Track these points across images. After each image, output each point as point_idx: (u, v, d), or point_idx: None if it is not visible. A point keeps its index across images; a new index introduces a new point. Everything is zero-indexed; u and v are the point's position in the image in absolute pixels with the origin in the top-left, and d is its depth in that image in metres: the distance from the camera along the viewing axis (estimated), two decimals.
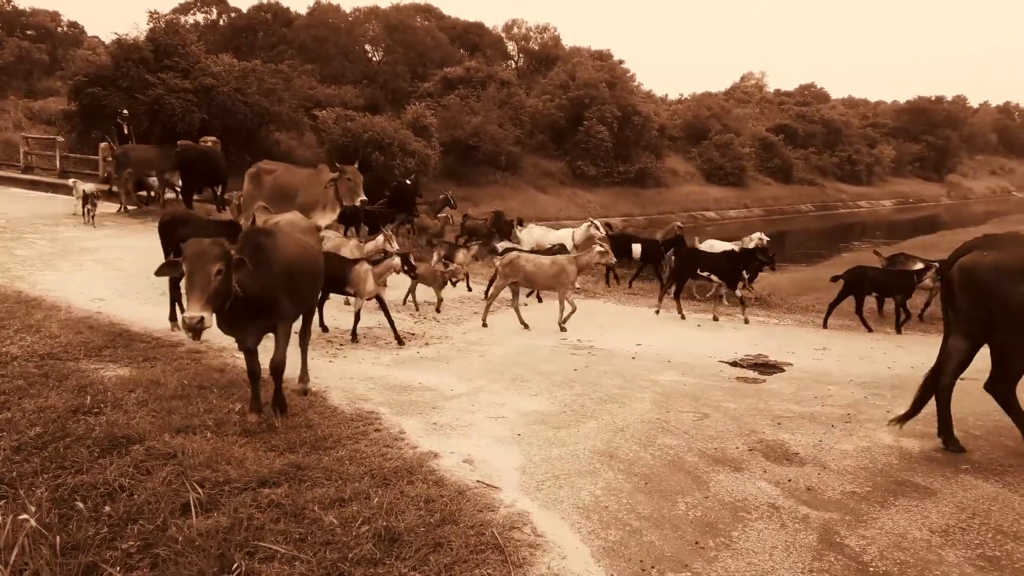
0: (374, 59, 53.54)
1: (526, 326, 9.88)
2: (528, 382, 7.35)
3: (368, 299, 8.89)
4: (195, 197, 18.31)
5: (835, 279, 11.52)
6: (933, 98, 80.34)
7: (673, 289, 11.62)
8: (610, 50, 61.15)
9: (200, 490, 4.41)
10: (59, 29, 53.63)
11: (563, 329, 9.79)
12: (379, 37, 53.59)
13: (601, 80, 49.17)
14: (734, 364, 8.47)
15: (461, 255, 11.56)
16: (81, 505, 4.15)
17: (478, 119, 41.02)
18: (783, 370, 8.29)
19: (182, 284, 5.46)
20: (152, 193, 19.36)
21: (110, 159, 23.05)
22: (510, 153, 42.33)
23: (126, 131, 20.89)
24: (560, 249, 12.08)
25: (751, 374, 8.09)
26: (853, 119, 72.84)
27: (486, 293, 10.77)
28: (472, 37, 59.13)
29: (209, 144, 21.04)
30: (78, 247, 13.15)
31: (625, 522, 4.59)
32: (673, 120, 58.54)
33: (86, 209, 15.51)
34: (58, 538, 3.80)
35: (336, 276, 8.54)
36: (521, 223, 15.10)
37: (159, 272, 5.20)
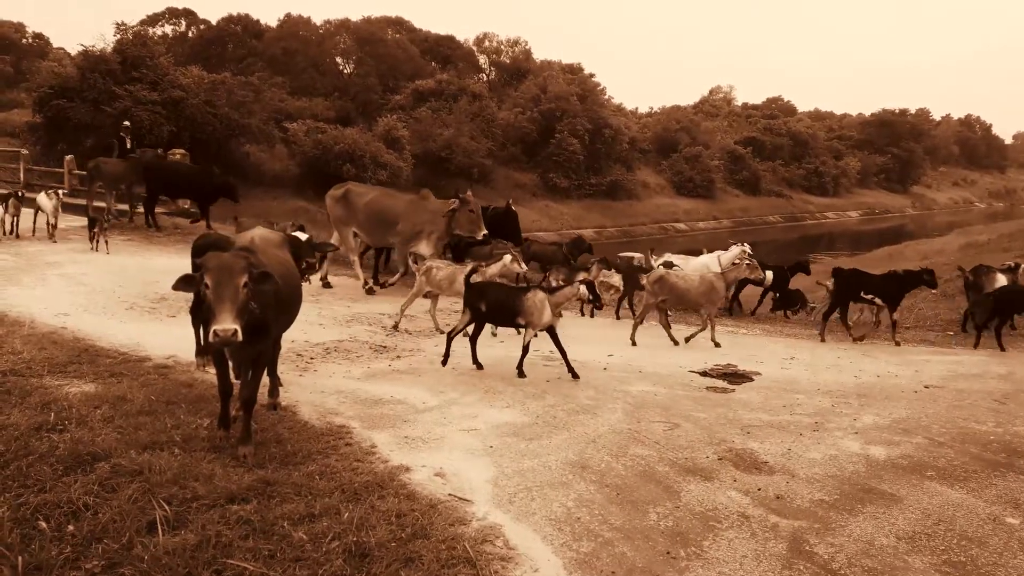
0: (345, 71, 53.50)
1: (676, 342, 10.08)
2: (500, 394, 7.34)
3: (540, 330, 8.14)
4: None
5: (984, 298, 11.41)
6: (897, 111, 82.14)
7: (831, 313, 11.18)
8: (581, 63, 61.84)
9: (167, 507, 4.34)
10: (24, 40, 53.01)
11: (717, 345, 9.96)
12: (350, 49, 53.56)
13: (572, 93, 49.62)
14: (704, 374, 8.54)
15: (581, 277, 11.13)
16: (44, 524, 4.06)
17: (450, 132, 41.12)
18: (752, 379, 8.38)
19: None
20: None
21: (75, 172, 22.75)
22: (482, 165, 42.48)
23: (128, 144, 20.08)
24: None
25: (720, 384, 8.16)
26: (819, 132, 74.24)
27: (632, 314, 10.80)
28: (443, 50, 59.34)
29: (177, 157, 20.79)
30: (42, 261, 12.93)
31: (597, 533, 4.60)
32: (643, 133, 59.20)
33: (93, 232, 14.40)
34: (20, 559, 3.71)
35: (506, 307, 8.12)
36: (653, 251, 14.10)
37: (176, 286, 4.93)
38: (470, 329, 8.50)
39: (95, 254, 13.87)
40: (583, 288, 8.37)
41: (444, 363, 8.29)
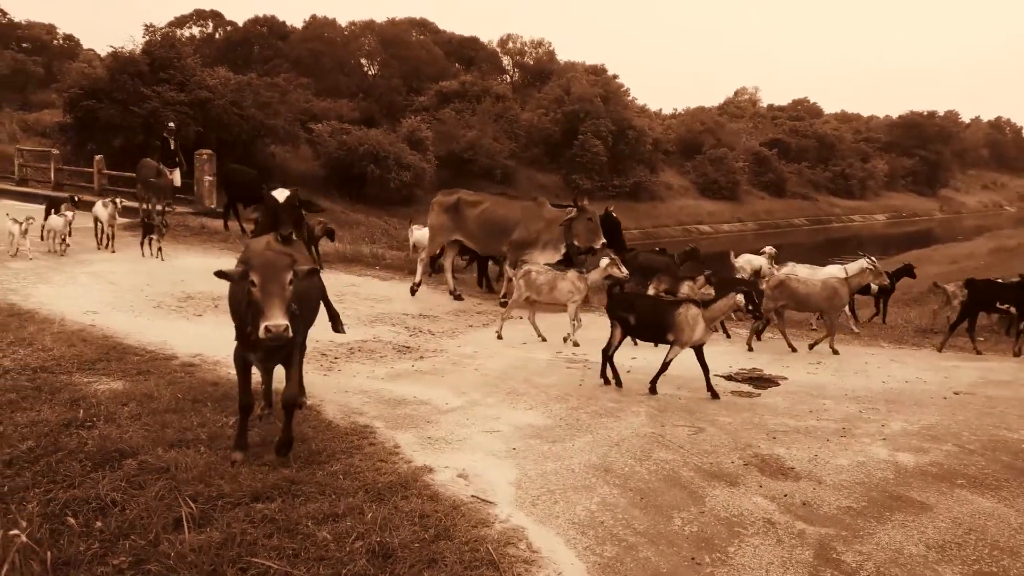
0: (370, 73, 53.84)
1: (826, 346, 9.91)
2: (523, 396, 7.32)
3: (689, 346, 7.59)
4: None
5: None
6: (925, 113, 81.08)
7: (964, 324, 10.57)
8: (604, 65, 61.73)
9: (193, 505, 4.38)
10: (55, 42, 53.78)
11: (835, 352, 9.79)
12: (375, 51, 53.90)
13: (596, 94, 49.55)
14: (729, 378, 8.46)
15: (687, 287, 10.71)
16: (72, 520, 4.12)
17: (473, 133, 41.24)
18: (778, 384, 8.28)
19: None
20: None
21: (104, 171, 22.97)
22: (505, 167, 42.56)
23: (172, 146, 19.53)
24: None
25: (746, 388, 8.08)
26: (846, 134, 73.56)
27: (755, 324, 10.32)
28: (467, 51, 59.54)
29: (204, 157, 20.92)
30: (72, 260, 13.12)
31: (621, 538, 4.57)
32: (667, 134, 58.99)
33: (148, 239, 13.83)
34: (49, 554, 3.76)
35: (655, 321, 7.56)
36: (774, 259, 13.17)
37: (219, 274, 4.86)
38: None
39: (123, 252, 14.00)
40: (740, 297, 7.71)
41: (608, 381, 7.80)
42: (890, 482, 5.55)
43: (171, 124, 20.94)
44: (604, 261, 9.77)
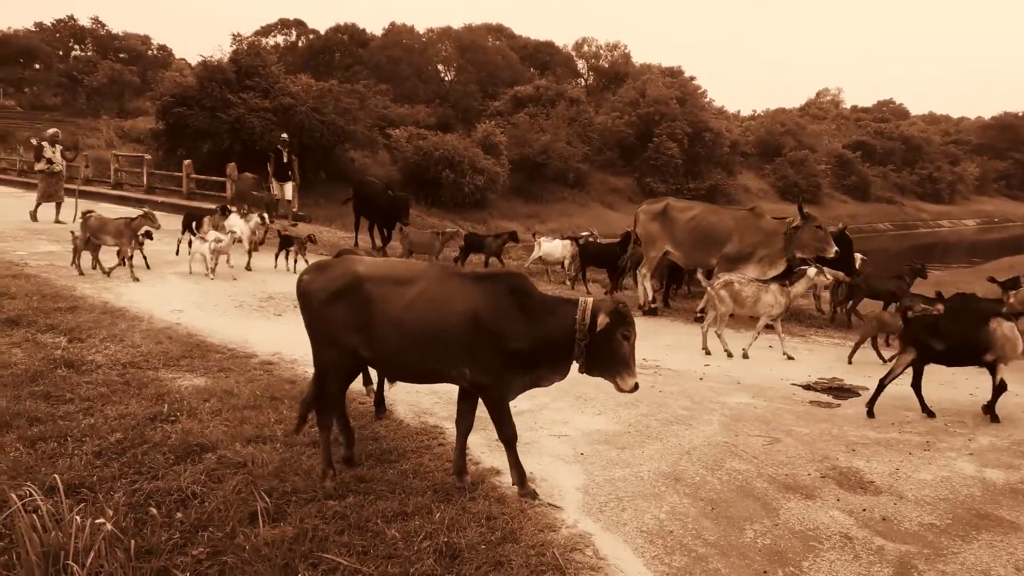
0: (446, 78, 54.53)
1: None
2: (592, 400, 7.27)
3: (1008, 363, 6.94)
4: None
5: None
6: (1020, 113, 77.03)
7: None
8: (681, 67, 60.94)
9: (268, 499, 4.50)
10: (149, 52, 56.40)
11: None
12: (451, 57, 54.61)
13: (671, 97, 48.97)
14: (807, 387, 8.22)
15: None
16: (155, 511, 4.27)
17: (547, 137, 41.27)
18: (859, 394, 8.00)
19: None
20: None
21: (192, 176, 23.88)
22: (578, 170, 42.47)
23: (285, 159, 19.30)
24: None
25: (825, 398, 7.84)
26: (934, 136, 70.61)
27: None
28: (542, 56, 59.72)
29: (294, 160, 21.38)
30: (160, 260, 13.69)
31: (690, 548, 4.49)
32: (745, 136, 57.78)
33: (285, 252, 13.58)
34: (132, 542, 3.91)
35: (969, 342, 6.87)
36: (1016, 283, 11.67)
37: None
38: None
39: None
40: None
41: (932, 413, 7.13)
42: (977, 499, 5.30)
43: (284, 136, 20.73)
44: (811, 271, 9.43)
